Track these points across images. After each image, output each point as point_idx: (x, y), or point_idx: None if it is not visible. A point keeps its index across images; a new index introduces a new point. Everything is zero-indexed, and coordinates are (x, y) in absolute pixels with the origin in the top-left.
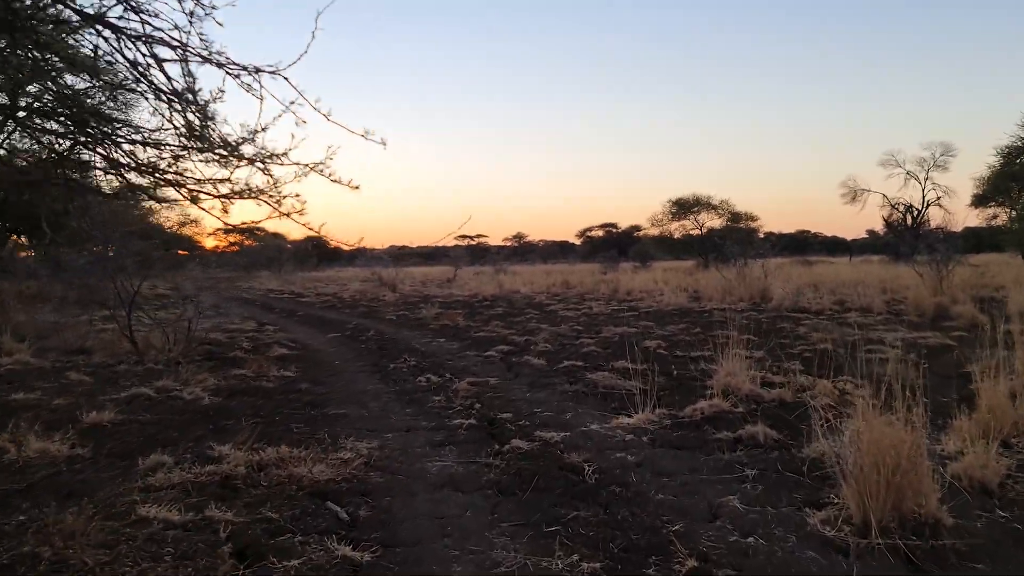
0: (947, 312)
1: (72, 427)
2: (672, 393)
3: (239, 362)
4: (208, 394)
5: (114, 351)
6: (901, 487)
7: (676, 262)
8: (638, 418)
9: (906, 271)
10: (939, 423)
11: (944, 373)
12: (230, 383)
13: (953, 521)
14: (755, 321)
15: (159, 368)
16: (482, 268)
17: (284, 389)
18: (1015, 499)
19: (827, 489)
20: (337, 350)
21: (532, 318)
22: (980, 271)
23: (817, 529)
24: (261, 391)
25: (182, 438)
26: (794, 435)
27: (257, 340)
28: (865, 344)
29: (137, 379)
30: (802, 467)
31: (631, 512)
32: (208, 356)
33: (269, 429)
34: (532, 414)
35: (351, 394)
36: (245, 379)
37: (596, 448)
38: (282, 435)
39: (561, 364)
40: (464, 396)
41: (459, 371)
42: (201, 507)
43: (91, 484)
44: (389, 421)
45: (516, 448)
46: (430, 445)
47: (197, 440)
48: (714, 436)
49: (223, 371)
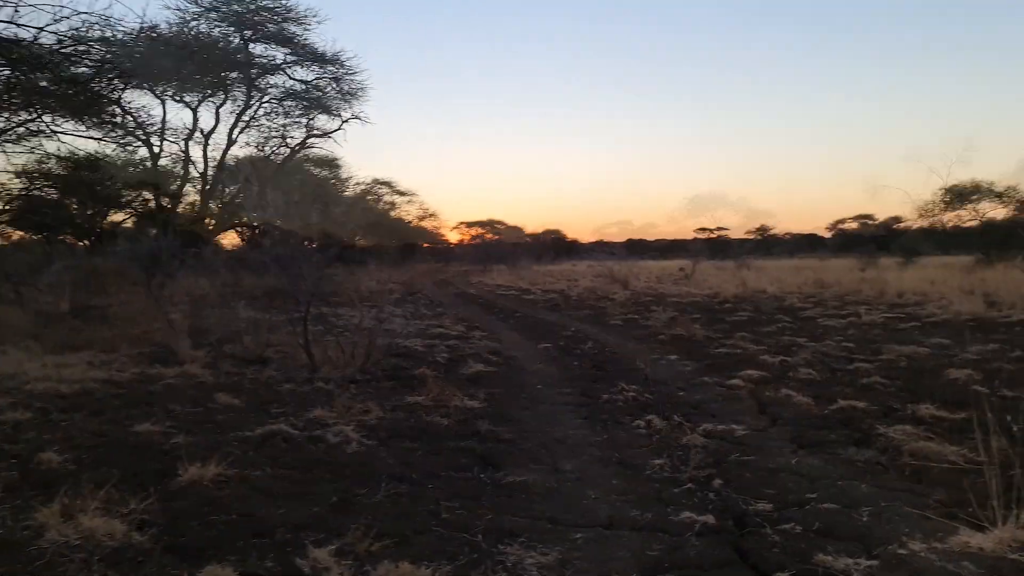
0: None
1: (159, 488)
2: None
3: (421, 384)
4: (361, 435)
5: (290, 363)
6: None
7: (946, 257)
8: (995, 538)
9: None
10: None
11: None
12: (396, 417)
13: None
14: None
15: (329, 388)
16: (722, 263)
17: (459, 430)
18: None
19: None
20: (544, 367)
21: (785, 328)
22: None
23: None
24: (429, 432)
25: (285, 520)
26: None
27: (456, 351)
28: None
29: (292, 405)
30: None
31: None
32: (391, 373)
33: (409, 510)
34: (803, 504)
35: (543, 444)
36: (417, 411)
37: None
38: (421, 525)
39: (835, 404)
40: (698, 459)
41: (693, 410)
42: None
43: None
44: (585, 503)
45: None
46: (639, 570)
47: (300, 528)
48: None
49: (397, 396)
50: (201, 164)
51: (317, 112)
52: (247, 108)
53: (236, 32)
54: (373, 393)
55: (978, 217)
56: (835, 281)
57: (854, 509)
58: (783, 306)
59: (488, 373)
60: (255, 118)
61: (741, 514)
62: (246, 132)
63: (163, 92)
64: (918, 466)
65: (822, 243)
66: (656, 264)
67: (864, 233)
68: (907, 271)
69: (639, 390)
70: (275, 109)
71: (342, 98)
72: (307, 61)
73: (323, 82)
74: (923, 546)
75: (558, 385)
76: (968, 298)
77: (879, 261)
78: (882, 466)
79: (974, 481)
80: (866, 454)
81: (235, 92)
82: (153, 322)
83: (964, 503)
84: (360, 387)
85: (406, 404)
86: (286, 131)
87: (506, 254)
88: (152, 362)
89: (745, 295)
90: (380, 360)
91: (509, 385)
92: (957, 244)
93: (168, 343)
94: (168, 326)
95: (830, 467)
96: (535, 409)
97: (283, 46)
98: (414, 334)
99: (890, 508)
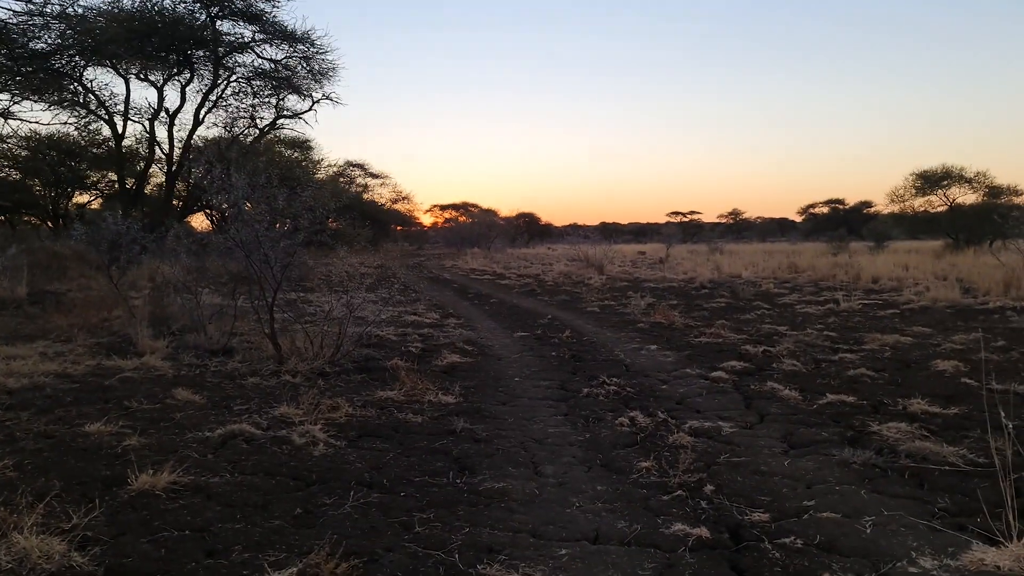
0: None
1: (106, 499)
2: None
3: (393, 377)
4: (328, 435)
5: (256, 354)
6: None
7: (915, 242)
8: (1011, 554)
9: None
10: None
11: None
12: (366, 414)
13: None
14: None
15: (296, 382)
16: (695, 246)
17: (433, 428)
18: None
19: None
20: (520, 358)
21: (764, 315)
22: None
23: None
24: (401, 430)
25: (244, 536)
26: None
27: (430, 340)
28: None
29: (256, 401)
30: None
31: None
32: (362, 365)
33: (379, 522)
34: (801, 513)
35: (522, 443)
36: (388, 407)
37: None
38: (392, 541)
39: (823, 399)
40: (687, 461)
41: (677, 405)
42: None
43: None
44: (568, 513)
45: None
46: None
47: (259, 546)
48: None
49: (368, 391)
50: (167, 144)
51: (287, 92)
52: (214, 87)
53: (202, 9)
54: (343, 387)
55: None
56: (809, 266)
57: (856, 519)
58: (760, 292)
59: (463, 364)
60: (223, 98)
61: (736, 525)
62: (213, 112)
63: (127, 70)
64: (918, 469)
65: (793, 227)
66: (629, 247)
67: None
68: (879, 256)
69: (621, 383)
70: (243, 89)
71: (313, 78)
72: (276, 39)
73: (293, 61)
74: (934, 563)
75: (536, 377)
76: (943, 284)
77: (850, 246)
78: (880, 469)
79: (979, 486)
80: (862, 455)
81: (202, 70)
82: (113, 309)
83: (971, 512)
84: (329, 381)
85: (377, 399)
86: (255, 111)
87: (480, 237)
88: (109, 353)
89: (721, 280)
90: (351, 351)
91: (485, 377)
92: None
93: (127, 332)
94: (128, 314)
95: (825, 470)
96: (513, 404)
97: (251, 24)
98: (387, 322)
99: (893, 517)
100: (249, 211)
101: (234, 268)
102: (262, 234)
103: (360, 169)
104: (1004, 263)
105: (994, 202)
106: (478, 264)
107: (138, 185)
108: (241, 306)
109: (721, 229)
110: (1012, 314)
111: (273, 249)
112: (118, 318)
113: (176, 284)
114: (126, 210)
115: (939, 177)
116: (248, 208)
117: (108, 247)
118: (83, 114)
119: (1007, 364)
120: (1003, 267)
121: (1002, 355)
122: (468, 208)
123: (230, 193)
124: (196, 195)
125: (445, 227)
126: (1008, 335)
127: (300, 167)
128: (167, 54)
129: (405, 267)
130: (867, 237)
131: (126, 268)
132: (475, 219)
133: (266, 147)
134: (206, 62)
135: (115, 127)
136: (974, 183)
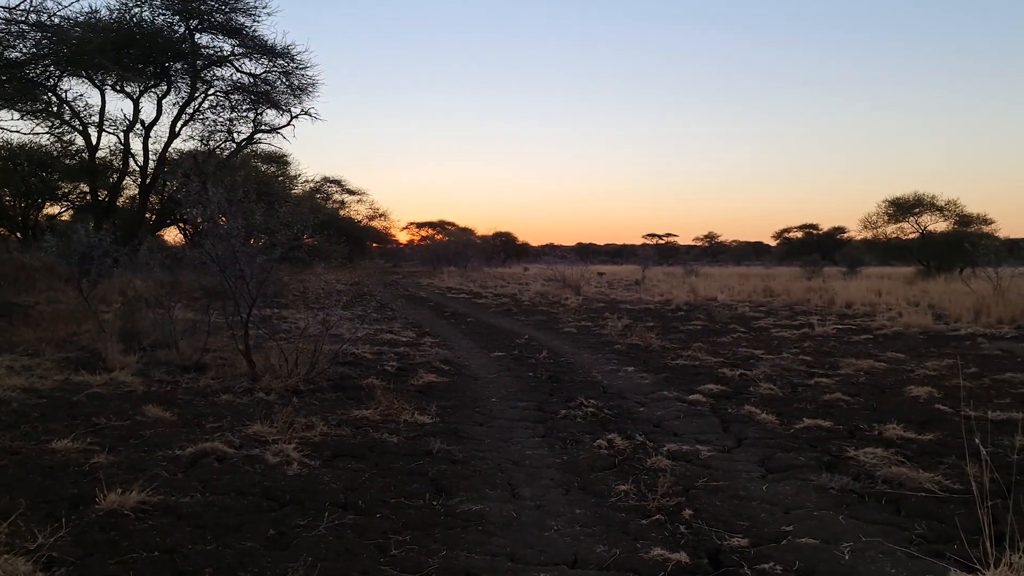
0: None
1: (73, 518)
2: (1019, 503)
3: (368, 396)
4: (302, 454)
5: (230, 371)
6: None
7: (887, 268)
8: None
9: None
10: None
11: None
12: (341, 433)
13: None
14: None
15: (270, 399)
16: (671, 268)
17: (410, 448)
18: None
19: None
20: (497, 378)
21: (740, 339)
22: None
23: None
24: (377, 450)
25: (215, 559)
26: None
27: (406, 359)
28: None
29: (229, 419)
30: None
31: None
32: (337, 383)
33: (354, 544)
34: (780, 538)
35: (499, 465)
36: (364, 426)
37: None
38: (367, 564)
39: (800, 423)
40: (665, 485)
41: (655, 428)
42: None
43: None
44: (546, 537)
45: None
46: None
47: (230, 569)
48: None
49: (343, 410)
50: (141, 157)
51: (265, 107)
52: (191, 100)
53: (181, 21)
54: (317, 406)
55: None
56: (783, 290)
57: (834, 545)
58: (735, 315)
59: (440, 384)
60: (200, 111)
61: (715, 551)
62: (190, 125)
63: (102, 81)
64: (895, 494)
65: (767, 251)
66: (607, 268)
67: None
68: (852, 281)
69: (598, 405)
70: (221, 102)
71: (292, 93)
72: (256, 54)
73: (272, 76)
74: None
75: (513, 398)
76: (915, 310)
77: (823, 270)
78: (857, 494)
79: (956, 513)
80: (840, 480)
81: (179, 83)
82: (82, 323)
83: (949, 538)
84: (304, 399)
85: (352, 419)
86: (232, 125)
87: (457, 256)
88: (78, 368)
89: (697, 302)
90: (326, 369)
91: (462, 397)
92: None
93: (97, 347)
94: (98, 328)
95: (803, 495)
96: (490, 425)
97: (231, 37)
98: (362, 340)
99: (872, 543)
100: (224, 225)
101: (208, 283)
102: (238, 249)
103: (337, 185)
104: (974, 290)
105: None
106: (454, 283)
107: (111, 197)
108: (215, 322)
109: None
110: (983, 341)
111: (249, 264)
112: (87, 332)
113: (148, 298)
114: (98, 223)
115: (911, 204)
116: (223, 222)
117: (79, 260)
118: (57, 124)
119: (980, 391)
120: (973, 294)
121: (974, 382)
122: (445, 226)
123: (206, 207)
124: (170, 208)
125: (421, 245)
126: (980, 362)
127: (277, 182)
128: (144, 66)
129: (381, 284)
130: (840, 262)
131: (97, 281)
132: (452, 237)
133: (243, 161)
134: (184, 75)
135: (89, 138)
136: (945, 211)
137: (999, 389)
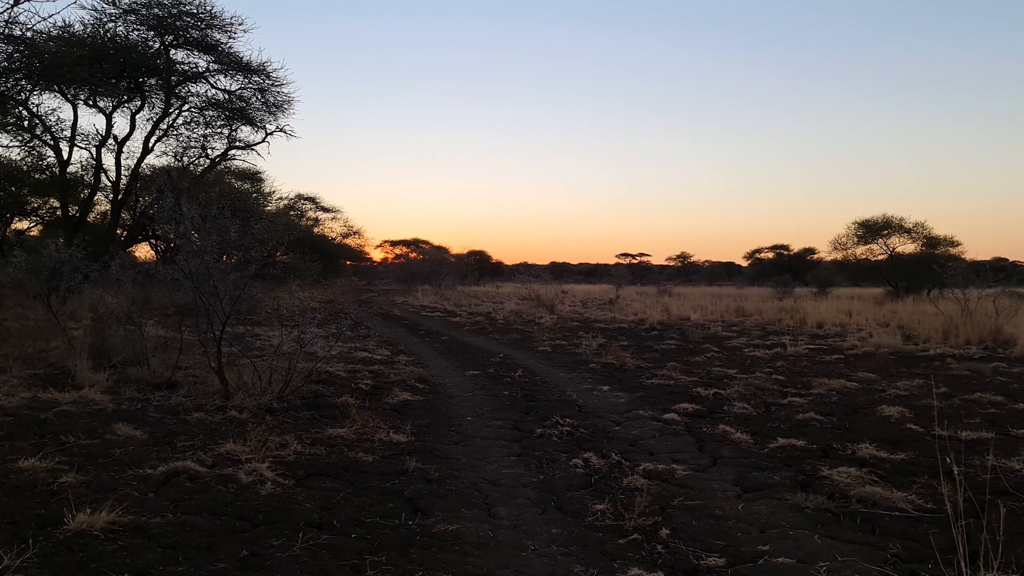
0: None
1: (40, 539)
2: (992, 523)
3: (343, 414)
4: (276, 473)
5: (202, 388)
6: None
7: (857, 289)
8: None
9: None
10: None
11: None
12: (315, 452)
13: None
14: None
15: (243, 418)
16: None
17: (385, 467)
18: None
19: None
20: (473, 396)
21: (714, 358)
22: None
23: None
24: (352, 469)
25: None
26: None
27: (381, 377)
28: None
29: (201, 437)
30: None
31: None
32: (312, 401)
33: (329, 565)
34: (756, 558)
35: (475, 484)
36: (339, 445)
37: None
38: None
39: (774, 442)
40: (642, 504)
41: (630, 447)
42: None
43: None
44: (523, 557)
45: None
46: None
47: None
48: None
49: (317, 428)
50: (114, 172)
51: (240, 123)
52: (165, 116)
53: (156, 37)
54: (291, 424)
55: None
56: (755, 310)
57: (811, 564)
58: (709, 334)
59: (415, 402)
60: (174, 126)
61: (692, 570)
62: (164, 141)
63: (75, 95)
64: (869, 514)
65: (739, 271)
66: (580, 288)
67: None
68: (823, 302)
69: (574, 424)
70: (196, 118)
71: (267, 110)
72: (231, 70)
73: (247, 92)
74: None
75: (489, 416)
76: (885, 331)
77: (794, 291)
78: (832, 513)
79: (929, 532)
80: (815, 500)
81: (153, 99)
82: (51, 340)
83: (923, 558)
84: (277, 417)
85: (327, 437)
86: (207, 141)
87: (431, 274)
88: (46, 385)
89: (670, 322)
90: (300, 387)
91: (437, 416)
92: (867, 276)
93: (66, 364)
94: (67, 345)
95: (779, 514)
96: (465, 444)
97: (206, 53)
98: (336, 358)
99: (847, 563)
100: (197, 241)
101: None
102: (211, 265)
103: (311, 202)
104: (942, 311)
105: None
106: (429, 301)
107: (82, 213)
108: (187, 339)
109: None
110: (952, 361)
111: (222, 281)
112: (56, 349)
113: (119, 315)
114: (68, 238)
115: (880, 226)
116: (195, 237)
117: (48, 275)
118: (28, 139)
119: (950, 410)
120: (941, 315)
121: (944, 401)
122: (419, 244)
123: (179, 223)
124: (142, 224)
125: (396, 263)
126: (949, 382)
127: (251, 199)
128: (118, 81)
129: (356, 302)
130: (811, 283)
131: (66, 297)
132: (426, 256)
133: (216, 178)
134: (158, 90)
135: (60, 153)
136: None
137: (969, 409)
